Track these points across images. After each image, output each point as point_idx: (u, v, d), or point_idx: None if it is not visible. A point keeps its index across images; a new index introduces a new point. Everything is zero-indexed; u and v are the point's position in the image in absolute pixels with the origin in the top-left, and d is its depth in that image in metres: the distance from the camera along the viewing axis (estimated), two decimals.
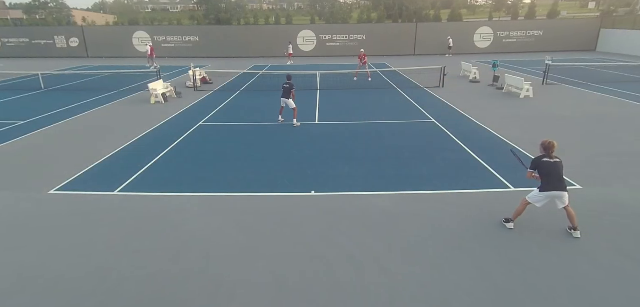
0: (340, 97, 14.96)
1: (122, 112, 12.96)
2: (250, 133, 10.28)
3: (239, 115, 12.40)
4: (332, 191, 6.51)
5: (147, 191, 6.64)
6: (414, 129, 10.43)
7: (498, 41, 31.94)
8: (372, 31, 32.69)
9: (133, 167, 7.68)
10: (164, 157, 8.39)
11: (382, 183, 6.76)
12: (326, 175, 7.25)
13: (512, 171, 7.18)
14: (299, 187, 6.69)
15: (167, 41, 32.81)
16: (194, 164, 8.00)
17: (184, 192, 6.56)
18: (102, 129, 10.87)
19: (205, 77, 18.84)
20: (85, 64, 28.26)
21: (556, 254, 4.72)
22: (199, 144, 9.42)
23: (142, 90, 16.51)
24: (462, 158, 8.02)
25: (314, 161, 7.99)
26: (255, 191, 6.56)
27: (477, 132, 9.85)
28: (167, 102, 14.28)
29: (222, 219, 5.69)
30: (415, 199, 6.23)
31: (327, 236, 5.17)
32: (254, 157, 8.32)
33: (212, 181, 7.07)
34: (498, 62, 17.61)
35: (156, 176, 7.33)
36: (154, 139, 9.79)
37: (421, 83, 17.39)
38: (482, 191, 6.44)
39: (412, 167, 7.52)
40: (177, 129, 10.62)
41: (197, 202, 6.25)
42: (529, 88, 14.05)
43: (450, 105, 13.06)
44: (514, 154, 5.98)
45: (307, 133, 10.23)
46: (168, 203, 6.21)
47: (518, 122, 10.72)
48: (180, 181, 7.07)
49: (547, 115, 11.43)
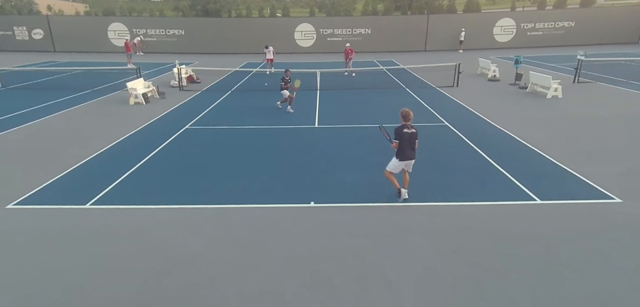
0: (343, 98, 14.95)
1: (96, 115, 12.93)
2: (242, 138, 10.27)
3: (229, 118, 12.39)
4: (334, 202, 6.49)
5: (125, 204, 6.56)
6: (425, 133, 10.24)
7: (521, 34, 32.08)
8: (378, 24, 32.97)
9: (108, 177, 7.60)
10: (145, 165, 8.34)
11: (389, 193, 6.71)
12: (327, 184, 7.24)
13: (538, 180, 7.17)
14: (296, 198, 6.67)
15: (148, 35, 33.03)
16: (179, 172, 7.97)
17: (167, 205, 6.51)
18: (73, 133, 10.83)
19: (192, 76, 18.90)
20: (52, 60, 28.20)
21: (590, 281, 4.62)
22: (184, 150, 9.41)
23: (119, 89, 16.50)
24: (479, 166, 8.01)
25: (313, 169, 7.98)
26: (248, 202, 6.53)
27: (497, 137, 9.80)
28: (148, 103, 14.30)
29: (210, 234, 5.64)
30: (427, 211, 6.18)
31: (328, 253, 5.13)
32: (246, 164, 8.32)
33: (199, 192, 7.02)
34: (521, 58, 17.68)
35: (135, 187, 7.27)
36: (133, 144, 9.74)
37: (433, 82, 17.40)
38: (503, 203, 6.40)
39: (423, 176, 7.44)
40: (160, 133, 10.59)
41: (182, 215, 6.20)
42: (558, 87, 14.06)
43: (466, 107, 13.06)
44: (381, 129, 6.72)
45: (306, 137, 10.22)
46: (148, 217, 6.15)
47: (544, 125, 10.69)
48: (163, 192, 7.01)
49: (578, 117, 11.39)
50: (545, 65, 21.41)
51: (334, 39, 32.42)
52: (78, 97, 15.58)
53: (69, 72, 22.08)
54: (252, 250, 5.25)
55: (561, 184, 7.04)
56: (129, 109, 13.58)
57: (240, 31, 32.62)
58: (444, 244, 5.29)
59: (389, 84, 17.70)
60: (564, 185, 7.01)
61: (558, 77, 15.64)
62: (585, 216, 5.97)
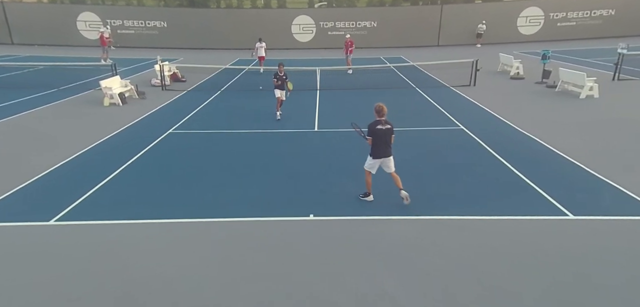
0: (345, 99, 14.91)
1: (65, 117, 12.78)
2: (233, 144, 10.25)
3: (219, 121, 12.37)
4: (336, 215, 6.49)
5: (97, 219, 6.47)
6: (438, 138, 10.33)
7: (550, 25, 31.78)
8: (385, 16, 32.89)
9: (78, 188, 7.47)
10: (121, 174, 8.27)
11: (398, 205, 6.69)
12: (328, 194, 7.24)
13: (570, 192, 7.01)
14: (294, 210, 6.66)
15: (124, 26, 32.68)
16: (161, 182, 7.93)
17: (146, 219, 6.43)
18: (35, 138, 10.65)
19: (176, 74, 18.85)
20: (8, 53, 27.74)
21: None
22: (167, 157, 9.37)
23: (92, 88, 16.40)
24: (500, 175, 7.95)
25: (312, 177, 7.99)
26: (238, 215, 6.50)
27: (521, 143, 9.72)
28: (125, 105, 14.21)
29: (195, 251, 5.56)
30: (440, 226, 6.13)
31: (329, 272, 5.09)
32: (237, 173, 8.31)
33: (183, 204, 6.98)
34: (550, 53, 17.38)
35: (109, 200, 7.18)
36: (107, 151, 9.65)
37: (447, 81, 17.40)
38: (528, 218, 6.28)
39: (436, 186, 7.48)
40: (139, 138, 10.51)
41: (164, 230, 6.14)
42: (593, 85, 13.92)
43: (485, 109, 13.00)
44: (353, 125, 7.21)
45: (305, 142, 10.21)
46: (124, 233, 6.06)
47: (577, 129, 10.56)
48: (141, 205, 6.94)
49: (618, 120, 11.20)
50: (579, 61, 21.27)
51: (335, 33, 32.40)
52: (42, 97, 15.41)
53: (31, 68, 21.79)
54: (243, 269, 5.15)
55: (598, 198, 6.92)
56: (103, 111, 13.47)
57: (230, 24, 32.52)
58: (460, 263, 5.18)
59: (396, 83, 17.68)
60: (601, 198, 6.88)
61: (594, 74, 15.45)
62: (626, 234, 5.81)
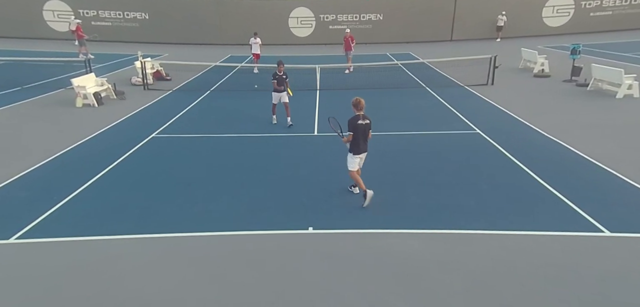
0: (347, 100, 14.56)
1: (29, 120, 12.69)
2: (224, 149, 10.31)
3: (208, 124, 12.40)
4: (337, 228, 6.55)
5: (65, 235, 6.39)
6: (451, 143, 10.34)
7: (581, 15, 31.66)
8: (392, 8, 32.93)
9: (44, 201, 7.39)
10: (96, 184, 8.22)
11: (406, 217, 6.74)
12: (329, 205, 7.31)
13: (607, 206, 6.95)
14: (291, 222, 6.73)
15: (100, 17, 32.65)
16: (141, 192, 7.92)
17: (122, 235, 6.39)
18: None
19: (160, 71, 18.86)
20: None
21: None
22: (149, 164, 9.38)
23: (62, 87, 16.29)
24: (523, 185, 7.95)
25: (312, 186, 8.06)
26: (229, 229, 6.53)
27: (546, 149, 9.71)
28: (102, 106, 14.18)
29: (178, 270, 5.52)
30: (453, 240, 6.16)
31: (329, 290, 5.12)
32: (229, 181, 8.37)
33: (166, 217, 6.98)
34: (581, 47, 17.37)
35: (80, 213, 7.12)
36: (79, 158, 9.60)
37: (461, 80, 17.45)
38: (556, 234, 6.22)
39: (448, 196, 7.51)
40: (118, 143, 10.50)
41: (143, 247, 6.10)
42: (633, 83, 13.94)
43: (504, 110, 13.02)
44: (330, 121, 7.72)
45: (304, 148, 10.27)
46: (97, 251, 6.00)
47: (613, 134, 10.51)
48: (118, 218, 6.91)
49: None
50: (615, 56, 21.22)
51: (337, 26, 32.52)
52: (2, 96, 15.33)
53: None
54: (232, 291, 5.10)
55: (639, 212, 6.80)
56: (75, 113, 13.43)
57: (221, 16, 32.64)
58: (477, 284, 5.13)
59: (405, 83, 17.72)
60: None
61: (633, 70, 15.43)
62: None
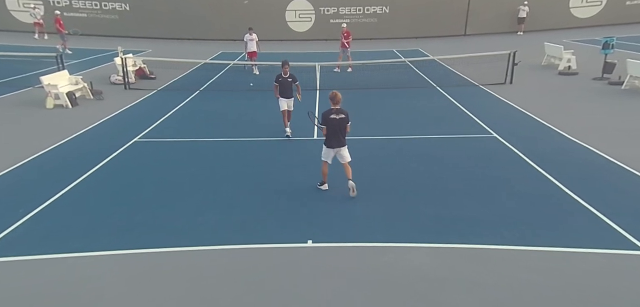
0: (350, 100, 14.57)
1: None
2: (214, 155, 10.36)
3: (197, 127, 12.46)
4: (338, 241, 6.57)
5: (31, 253, 6.33)
6: (465, 148, 10.37)
7: (616, 4, 31.40)
8: (400, 0, 33.05)
9: (6, 216, 7.33)
10: (68, 195, 8.21)
11: (414, 229, 6.79)
12: (329, 216, 7.36)
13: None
14: (288, 235, 6.75)
15: (73, 8, 32.57)
16: (121, 204, 7.92)
17: (98, 251, 6.35)
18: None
19: (143, 69, 18.92)
20: None
21: None
22: (130, 171, 9.41)
23: (29, 86, 16.35)
24: (546, 195, 7.94)
25: (311, 195, 8.09)
26: (220, 243, 6.56)
27: (574, 154, 9.73)
28: (76, 107, 14.19)
29: (164, 289, 5.51)
30: (468, 256, 6.17)
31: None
32: (220, 191, 8.39)
33: (149, 230, 6.98)
34: (614, 41, 17.37)
35: (50, 228, 7.09)
36: (49, 165, 9.62)
37: (476, 79, 17.50)
38: (587, 250, 6.19)
39: (462, 207, 7.53)
40: (95, 148, 10.50)
41: (122, 264, 6.09)
42: None
43: (525, 112, 13.04)
44: (309, 115, 8.55)
45: (302, 153, 10.30)
46: (68, 270, 5.97)
47: None
48: (94, 233, 6.88)
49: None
50: None
51: (338, 20, 32.55)
52: None
53: None
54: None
55: None
56: (45, 115, 13.44)
57: (211, 9, 32.73)
58: (495, 306, 5.12)
59: (413, 82, 17.77)
60: None
61: None
62: None
